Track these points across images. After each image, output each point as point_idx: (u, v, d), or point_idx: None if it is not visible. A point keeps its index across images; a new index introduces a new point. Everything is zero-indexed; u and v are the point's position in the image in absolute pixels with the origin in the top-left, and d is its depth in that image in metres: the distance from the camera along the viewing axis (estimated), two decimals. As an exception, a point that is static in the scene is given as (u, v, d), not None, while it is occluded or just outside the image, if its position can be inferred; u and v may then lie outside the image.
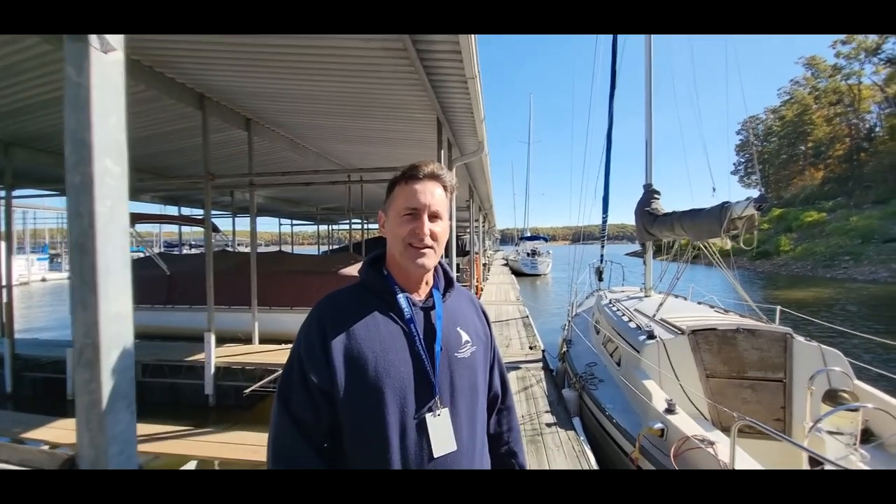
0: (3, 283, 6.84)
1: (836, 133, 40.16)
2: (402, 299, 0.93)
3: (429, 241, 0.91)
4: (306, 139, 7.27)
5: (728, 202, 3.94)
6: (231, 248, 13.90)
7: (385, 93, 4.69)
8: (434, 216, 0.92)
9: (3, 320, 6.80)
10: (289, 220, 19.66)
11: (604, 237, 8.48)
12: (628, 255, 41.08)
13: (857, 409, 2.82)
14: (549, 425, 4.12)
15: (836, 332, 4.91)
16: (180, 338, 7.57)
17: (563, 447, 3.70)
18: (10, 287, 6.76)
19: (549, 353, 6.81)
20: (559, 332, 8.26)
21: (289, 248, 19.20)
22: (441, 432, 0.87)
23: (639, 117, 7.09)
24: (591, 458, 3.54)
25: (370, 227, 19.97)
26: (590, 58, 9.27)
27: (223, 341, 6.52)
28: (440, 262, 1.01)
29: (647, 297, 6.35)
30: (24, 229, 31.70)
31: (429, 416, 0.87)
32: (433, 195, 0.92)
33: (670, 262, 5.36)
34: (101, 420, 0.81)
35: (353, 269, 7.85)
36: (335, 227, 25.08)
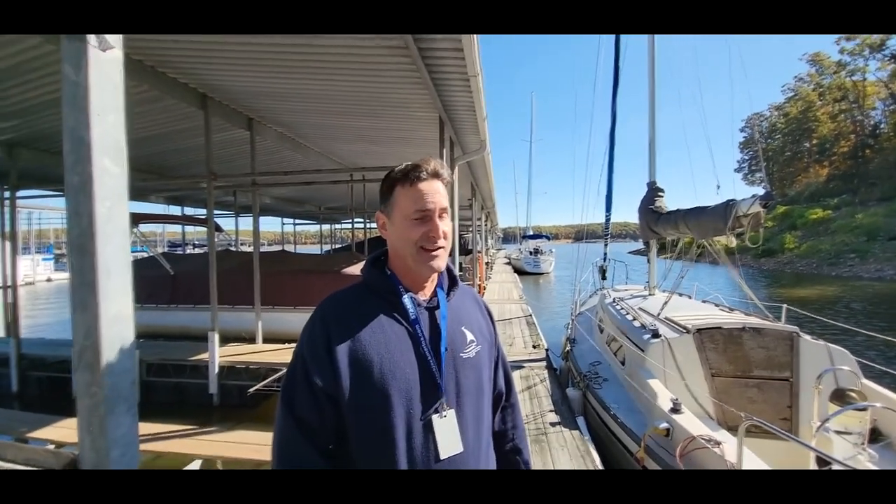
0: (9, 283, 6.88)
1: (841, 130, 39.84)
2: (406, 300, 0.92)
3: (441, 241, 0.90)
4: (308, 138, 7.27)
5: (733, 200, 3.90)
6: (234, 248, 13.95)
7: (387, 91, 4.68)
8: (443, 215, 0.92)
9: (9, 320, 6.83)
10: (291, 220, 19.69)
11: (607, 235, 8.45)
12: (631, 253, 40.86)
13: (865, 409, 2.79)
14: (553, 424, 4.10)
15: (840, 330, 4.87)
16: (184, 337, 7.61)
17: (567, 446, 3.68)
18: (16, 287, 6.79)
19: (553, 352, 6.79)
20: (562, 331, 8.24)
21: (292, 248, 19.23)
22: (447, 433, 0.87)
23: (641, 116, 7.05)
24: (596, 458, 3.52)
25: (372, 226, 19.97)
26: (592, 56, 9.25)
27: (227, 341, 6.54)
28: None
29: (650, 295, 6.32)
30: (30, 229, 31.91)
31: (435, 417, 0.86)
32: (440, 193, 0.91)
33: (674, 261, 5.32)
34: (102, 423, 0.80)
35: (355, 269, 7.86)
36: (338, 226, 25.11)
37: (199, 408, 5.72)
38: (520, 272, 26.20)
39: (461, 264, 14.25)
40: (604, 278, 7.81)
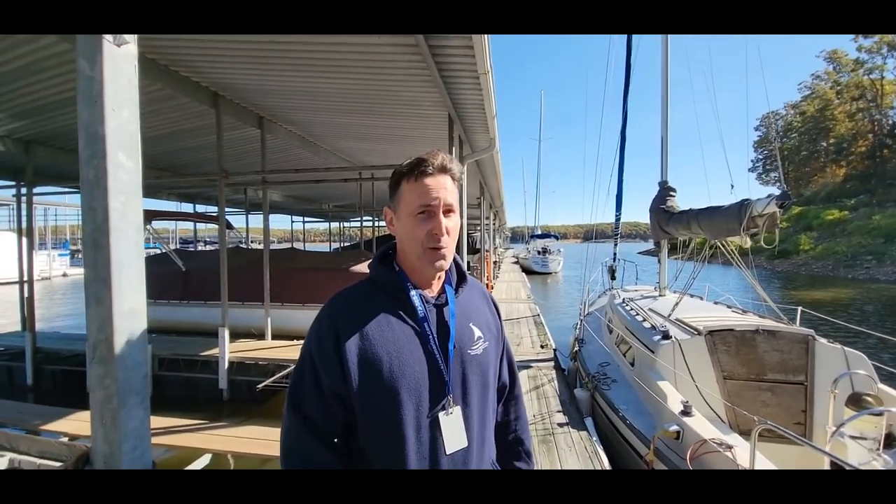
0: (25, 278, 7.02)
1: (859, 129, 38.92)
2: (415, 297, 0.91)
3: (445, 240, 0.88)
4: (318, 137, 7.30)
5: (748, 199, 3.83)
6: (244, 245, 14.08)
7: (396, 89, 4.67)
8: (448, 211, 0.89)
9: (25, 314, 6.98)
10: (301, 218, 19.82)
11: (617, 235, 8.37)
12: (641, 253, 40.47)
13: (881, 414, 2.74)
14: (560, 425, 4.07)
15: (853, 332, 4.77)
16: (195, 333, 7.70)
17: (575, 447, 3.65)
18: (32, 282, 6.93)
19: (561, 352, 6.75)
20: (570, 331, 8.19)
21: (301, 245, 19.38)
22: (453, 429, 0.87)
23: (653, 114, 6.96)
24: (604, 460, 3.49)
25: (381, 224, 20.02)
26: (603, 54, 9.16)
27: (236, 336, 6.60)
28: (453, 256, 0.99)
29: (661, 296, 6.25)
30: (46, 225, 32.59)
31: (441, 414, 0.86)
32: (445, 189, 0.88)
33: (686, 261, 5.25)
34: (115, 416, 0.81)
35: (364, 266, 7.87)
36: (346, 224, 25.22)
37: (209, 402, 5.80)
38: (528, 272, 26.10)
39: (469, 263, 14.22)
40: (613, 278, 7.73)
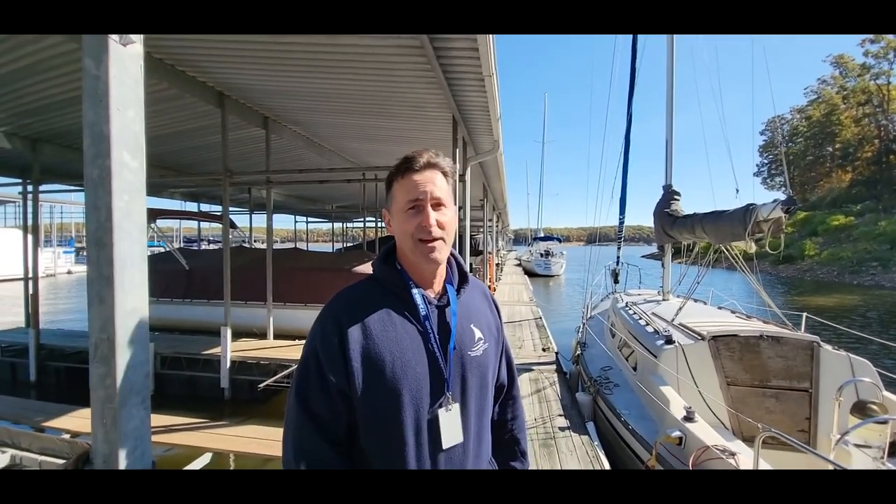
0: (30, 274, 7.07)
1: (865, 134, 38.65)
2: (417, 296, 0.92)
3: (437, 231, 0.89)
4: (322, 137, 7.32)
5: (753, 204, 3.81)
6: (248, 245, 14.12)
7: (401, 91, 4.68)
8: (438, 204, 0.90)
9: (29, 311, 7.02)
10: (304, 218, 19.87)
11: (620, 238, 8.34)
12: (644, 257, 40.32)
13: (886, 422, 2.71)
14: (562, 429, 4.05)
15: (854, 338, 4.74)
16: (198, 331, 7.73)
17: (576, 452, 3.63)
18: (37, 279, 6.98)
19: (563, 356, 6.72)
20: (572, 335, 8.16)
21: (304, 245, 19.42)
22: (450, 426, 0.89)
23: (658, 117, 6.93)
24: (606, 464, 3.47)
25: (384, 224, 20.00)
26: (608, 56, 9.13)
27: (238, 336, 6.62)
28: (453, 255, 1.00)
29: (664, 300, 6.21)
30: (51, 223, 32.78)
31: (440, 411, 0.88)
32: (433, 183, 0.90)
33: (689, 266, 5.22)
34: (116, 415, 0.81)
35: (366, 267, 7.89)
36: (349, 224, 25.26)
37: (210, 401, 5.80)
38: (530, 274, 26.04)
39: (472, 265, 14.21)
40: (616, 282, 7.70)
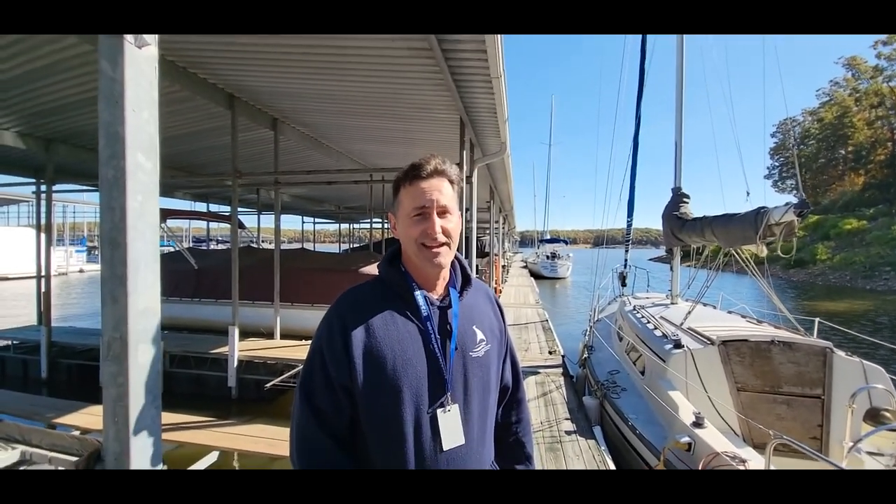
0: (42, 273, 7.18)
1: (878, 137, 38.01)
2: (419, 297, 0.94)
3: (442, 238, 0.91)
4: (330, 139, 7.36)
5: (765, 207, 3.77)
6: (256, 245, 14.23)
7: (409, 92, 4.70)
8: (443, 212, 0.92)
9: (41, 309, 7.13)
10: (311, 218, 20.00)
11: (628, 241, 8.28)
12: (652, 260, 39.95)
13: (901, 430, 2.66)
14: (568, 433, 4.02)
15: (866, 344, 4.64)
16: (206, 330, 7.80)
17: (583, 456, 3.60)
18: (49, 277, 7.09)
19: (569, 359, 6.67)
20: (579, 338, 8.10)
21: (311, 246, 19.53)
22: (451, 427, 0.90)
23: (667, 121, 6.88)
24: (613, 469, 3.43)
25: (390, 227, 20.03)
26: (616, 59, 9.08)
27: (246, 335, 6.67)
28: (458, 259, 1.01)
29: (673, 304, 6.15)
30: (64, 222, 33.35)
31: (440, 411, 0.89)
32: (440, 192, 0.92)
33: (699, 269, 5.17)
34: (127, 414, 0.82)
35: (372, 268, 7.90)
36: (356, 225, 25.38)
37: (218, 400, 5.85)
38: (536, 276, 25.95)
39: (478, 267, 14.20)
40: (624, 285, 7.63)
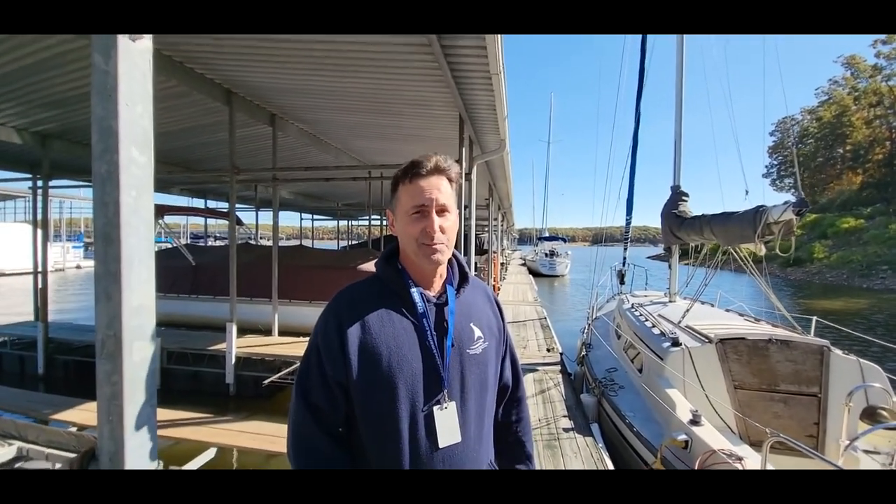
0: (39, 269, 7.14)
1: (876, 136, 38.05)
2: (415, 294, 0.94)
3: (440, 237, 0.91)
4: (329, 135, 7.33)
5: (764, 206, 3.77)
6: (254, 242, 14.19)
7: (408, 89, 4.67)
8: (442, 210, 0.92)
9: (38, 305, 7.10)
10: (310, 215, 19.95)
11: (627, 239, 8.28)
12: (650, 258, 40.10)
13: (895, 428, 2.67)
14: (566, 430, 4.03)
15: (861, 342, 4.67)
16: (204, 327, 7.78)
17: (580, 453, 3.61)
18: (46, 273, 7.05)
19: (567, 357, 6.69)
20: (577, 335, 8.12)
21: (309, 243, 19.49)
22: (447, 425, 0.89)
23: (666, 120, 6.87)
24: (610, 466, 3.44)
25: (388, 223, 19.98)
26: (616, 56, 9.06)
27: (244, 332, 6.65)
28: (456, 257, 1.01)
29: (671, 302, 6.17)
30: (61, 218, 33.15)
31: (436, 409, 0.89)
32: (439, 190, 0.91)
33: (697, 267, 5.18)
34: (122, 413, 0.81)
35: (371, 265, 7.89)
36: (355, 222, 25.32)
37: (215, 396, 5.84)
38: (535, 274, 25.98)
39: (476, 264, 14.21)
40: (622, 283, 7.64)
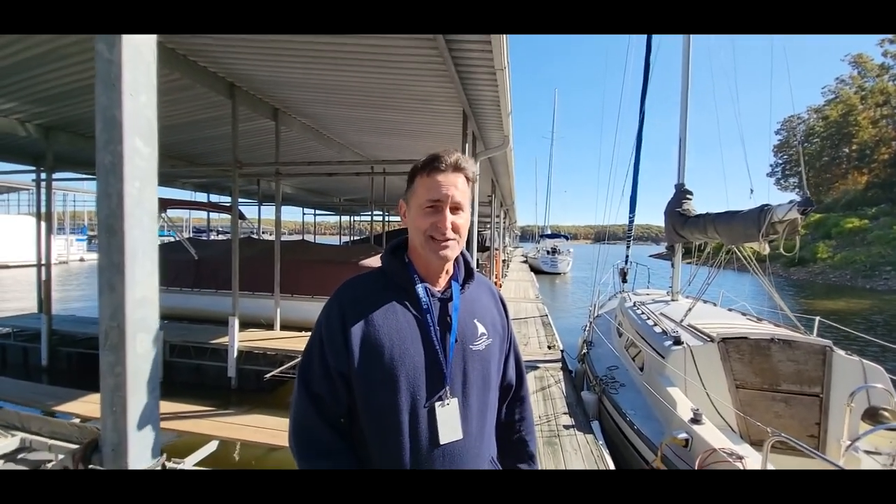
0: (43, 261, 7.17)
1: (882, 136, 37.72)
2: (420, 289, 0.93)
3: (451, 233, 0.90)
4: (332, 130, 7.32)
5: (768, 205, 3.74)
6: (256, 236, 14.21)
7: (412, 84, 4.65)
8: (456, 208, 0.92)
9: (42, 297, 7.13)
10: (312, 210, 19.96)
11: (629, 237, 8.25)
12: (652, 256, 39.96)
13: (898, 429, 2.66)
14: (566, 427, 4.04)
15: (864, 341, 4.66)
16: (206, 320, 7.81)
17: (580, 451, 3.62)
18: (49, 265, 7.08)
19: (569, 354, 6.69)
20: (578, 333, 8.11)
21: (311, 238, 19.51)
22: (448, 421, 0.89)
23: (670, 119, 6.83)
24: (610, 464, 3.45)
25: (391, 218, 20.07)
26: (621, 53, 8.97)
27: (246, 326, 6.67)
28: (462, 253, 1.01)
29: (673, 301, 6.15)
30: (65, 211, 33.27)
31: (437, 404, 0.88)
32: (456, 187, 0.91)
33: (700, 266, 5.16)
34: (125, 404, 0.81)
35: (373, 261, 7.90)
36: (357, 218, 25.32)
37: (217, 390, 5.87)
38: (536, 271, 25.95)
39: (479, 260, 14.20)
40: (624, 281, 7.62)
